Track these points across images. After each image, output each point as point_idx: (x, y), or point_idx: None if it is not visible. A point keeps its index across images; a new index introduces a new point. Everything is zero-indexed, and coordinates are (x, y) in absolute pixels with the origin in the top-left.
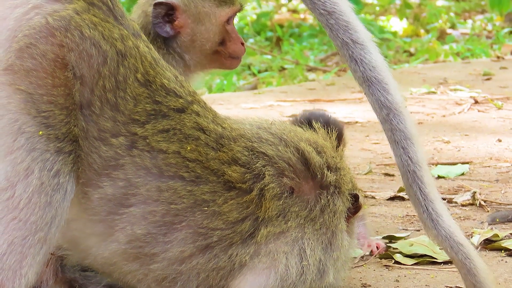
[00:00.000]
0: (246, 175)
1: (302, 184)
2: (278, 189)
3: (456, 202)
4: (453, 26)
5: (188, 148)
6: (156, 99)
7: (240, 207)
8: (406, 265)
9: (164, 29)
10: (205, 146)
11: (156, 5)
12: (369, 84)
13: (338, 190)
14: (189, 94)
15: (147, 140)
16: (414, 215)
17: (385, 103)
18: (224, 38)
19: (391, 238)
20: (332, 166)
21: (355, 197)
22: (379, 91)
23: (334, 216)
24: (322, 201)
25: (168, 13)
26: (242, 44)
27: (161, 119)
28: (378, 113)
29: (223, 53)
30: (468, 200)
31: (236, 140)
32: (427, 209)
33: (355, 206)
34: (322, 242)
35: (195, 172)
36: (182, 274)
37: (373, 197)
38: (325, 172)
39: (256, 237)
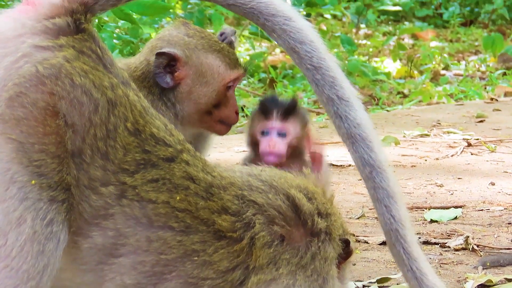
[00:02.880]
0: (236, 224)
1: (292, 231)
2: (268, 237)
3: (449, 247)
4: (446, 67)
5: (178, 198)
6: (146, 148)
7: (231, 256)
8: None
9: (165, 79)
10: (194, 195)
11: (158, 54)
12: (353, 141)
13: (328, 236)
14: (178, 143)
15: (137, 190)
16: None
17: (369, 160)
18: (221, 101)
19: (384, 281)
20: (322, 213)
21: (346, 243)
22: (363, 149)
23: (325, 262)
24: (313, 248)
25: (171, 64)
26: (237, 113)
27: (151, 169)
28: (361, 171)
29: (215, 116)
30: (461, 244)
31: (226, 188)
32: (411, 268)
33: (346, 251)
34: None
35: (184, 222)
36: None
37: (365, 242)
38: (316, 219)
39: (246, 284)
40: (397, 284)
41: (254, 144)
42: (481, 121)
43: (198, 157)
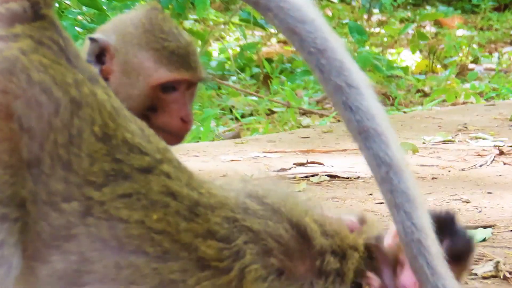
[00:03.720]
0: (224, 252)
1: (294, 266)
2: (262, 270)
3: (475, 274)
4: (475, 61)
5: (155, 217)
6: (117, 156)
7: None
8: None
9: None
10: (175, 215)
11: (91, 40)
12: (366, 136)
13: (340, 279)
14: (157, 151)
15: (105, 207)
16: None
17: (385, 159)
18: (156, 106)
19: None
20: (338, 252)
21: (358, 286)
22: (378, 145)
23: None
24: (323, 276)
25: (103, 53)
26: (185, 121)
27: (122, 181)
28: (376, 171)
29: (154, 123)
30: (491, 271)
31: (215, 209)
32: (436, 286)
33: None
34: None
35: (162, 247)
36: None
37: None
38: (328, 257)
39: None
40: None
41: None
42: None
43: (182, 169)
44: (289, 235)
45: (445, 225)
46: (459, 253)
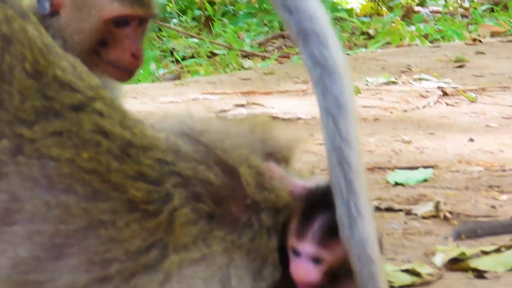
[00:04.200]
0: (153, 194)
1: (225, 212)
2: (192, 215)
3: (415, 214)
4: (422, 3)
5: (86, 156)
6: (48, 94)
7: (145, 233)
8: None
9: (42, 3)
10: (106, 154)
11: None
12: (304, 37)
13: (270, 233)
14: (89, 88)
15: (36, 145)
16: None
17: (320, 59)
18: (107, 40)
19: None
20: (271, 208)
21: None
22: (315, 46)
23: (267, 240)
24: (253, 225)
25: None
26: (136, 56)
27: (53, 119)
28: (311, 73)
29: (104, 58)
30: (431, 211)
31: (147, 150)
32: (348, 202)
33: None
34: (252, 271)
35: (91, 187)
36: None
37: None
38: (259, 212)
39: (163, 265)
40: None
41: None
42: (460, 66)
43: (116, 107)
44: (220, 182)
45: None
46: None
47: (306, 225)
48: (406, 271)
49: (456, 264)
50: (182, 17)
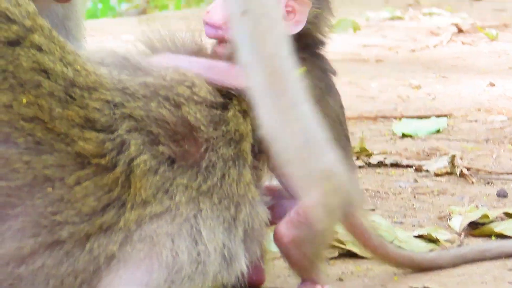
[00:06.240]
0: (106, 144)
1: (186, 151)
2: (152, 161)
3: (427, 171)
4: None
5: (24, 100)
6: None
7: (99, 191)
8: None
9: None
10: (48, 97)
11: None
12: None
13: (238, 162)
14: (27, 16)
15: None
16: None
17: None
18: None
19: None
20: (232, 138)
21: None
22: None
23: (238, 182)
24: (218, 165)
25: None
26: None
27: None
28: None
29: None
30: (445, 167)
31: (92, 90)
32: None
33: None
34: (224, 219)
35: (33, 136)
36: (22, 280)
37: None
38: (219, 143)
39: (123, 222)
40: None
41: None
42: None
43: (55, 39)
44: (175, 118)
45: None
46: None
47: None
48: (420, 236)
49: (477, 228)
50: None
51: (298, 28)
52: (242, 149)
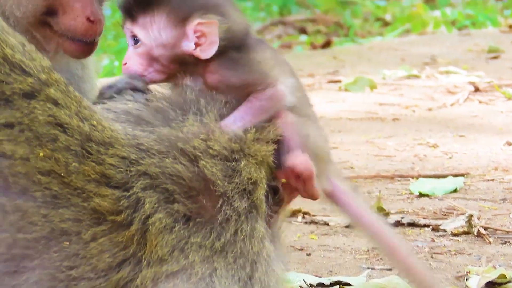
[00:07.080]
0: (121, 201)
1: (201, 208)
2: (167, 219)
3: (444, 230)
4: None
5: (41, 154)
6: None
7: (115, 248)
8: None
9: None
10: (65, 151)
11: None
12: None
13: (253, 214)
14: (42, 70)
15: None
16: None
17: None
18: (55, 6)
19: (343, 284)
20: (243, 190)
21: (275, 190)
22: None
23: (252, 240)
24: (231, 223)
25: None
26: (92, 21)
27: (4, 108)
28: None
29: (55, 29)
30: (462, 227)
31: (108, 146)
32: None
33: (276, 201)
34: (239, 279)
35: (50, 190)
36: None
37: (326, 223)
38: (233, 197)
39: (139, 280)
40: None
41: None
42: (494, 57)
43: (71, 93)
44: (190, 174)
45: None
46: None
47: None
48: None
49: None
50: None
51: (214, 49)
52: (255, 197)
